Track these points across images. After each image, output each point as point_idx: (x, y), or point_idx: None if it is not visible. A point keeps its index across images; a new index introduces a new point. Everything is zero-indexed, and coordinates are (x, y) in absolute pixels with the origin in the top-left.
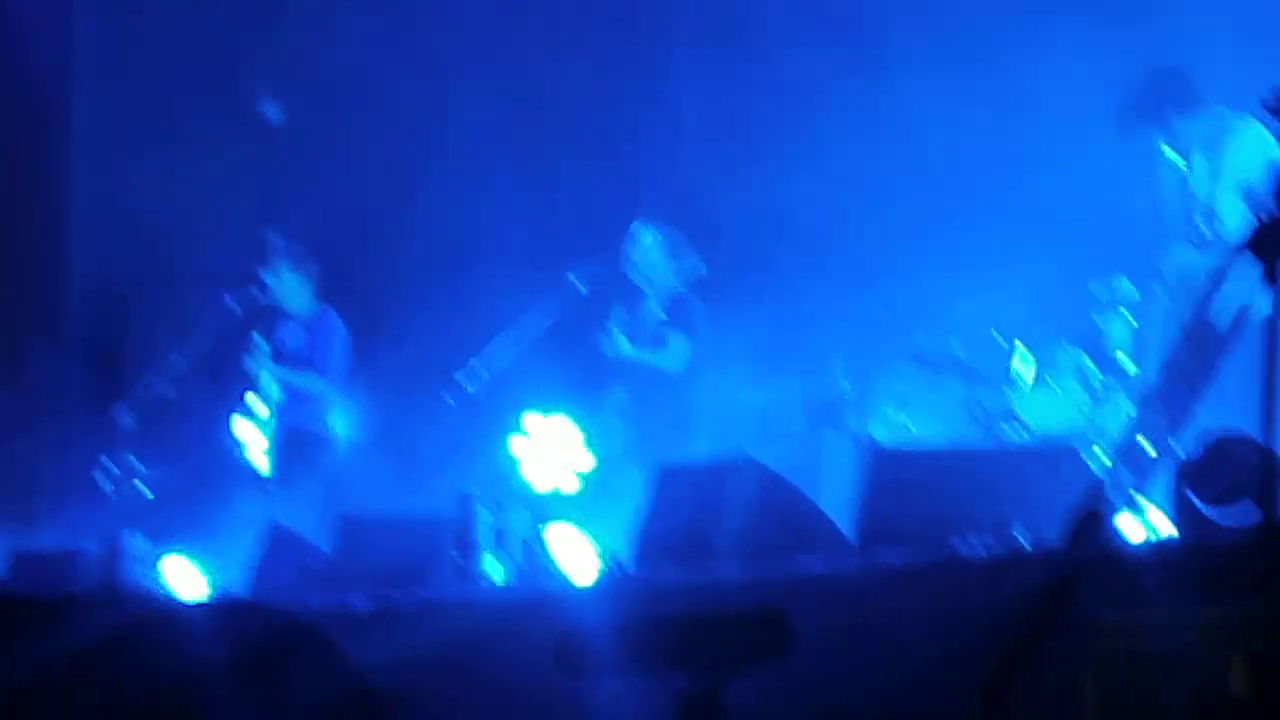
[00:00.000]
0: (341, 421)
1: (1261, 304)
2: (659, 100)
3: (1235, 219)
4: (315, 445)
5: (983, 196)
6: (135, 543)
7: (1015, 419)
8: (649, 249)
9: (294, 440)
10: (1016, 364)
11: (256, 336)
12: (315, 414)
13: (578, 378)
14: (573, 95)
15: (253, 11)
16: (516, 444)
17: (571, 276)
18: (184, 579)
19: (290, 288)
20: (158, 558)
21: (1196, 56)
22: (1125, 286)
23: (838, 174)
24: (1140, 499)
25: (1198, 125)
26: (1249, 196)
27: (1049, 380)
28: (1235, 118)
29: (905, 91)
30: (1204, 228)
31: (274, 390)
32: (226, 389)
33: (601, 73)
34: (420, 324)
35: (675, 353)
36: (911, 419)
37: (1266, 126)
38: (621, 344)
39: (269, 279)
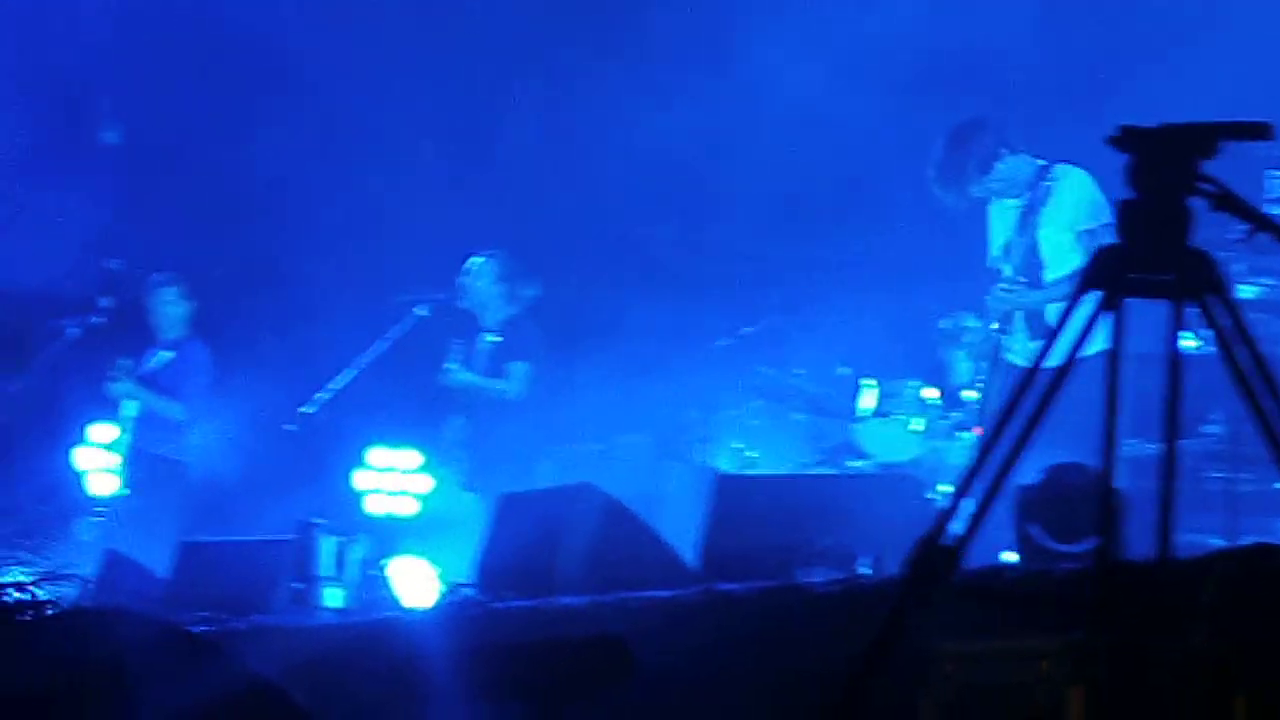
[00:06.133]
0: (196, 449)
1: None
2: (503, 127)
3: (1061, 261)
4: (169, 470)
5: (832, 233)
6: None
7: (858, 451)
8: (480, 275)
9: (148, 464)
10: (861, 397)
11: (123, 359)
12: (172, 439)
13: (420, 408)
14: (414, 121)
15: (94, 33)
16: (360, 477)
17: (417, 310)
18: None
19: (168, 314)
20: None
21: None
22: (970, 323)
23: (689, 202)
24: (980, 527)
25: (1008, 174)
26: (1082, 237)
27: (892, 412)
28: (1046, 165)
29: (755, 128)
30: (1014, 270)
31: (132, 411)
32: (63, 414)
33: (441, 101)
34: (265, 353)
35: (512, 379)
36: (755, 450)
37: (1090, 173)
38: (459, 374)
39: (149, 304)
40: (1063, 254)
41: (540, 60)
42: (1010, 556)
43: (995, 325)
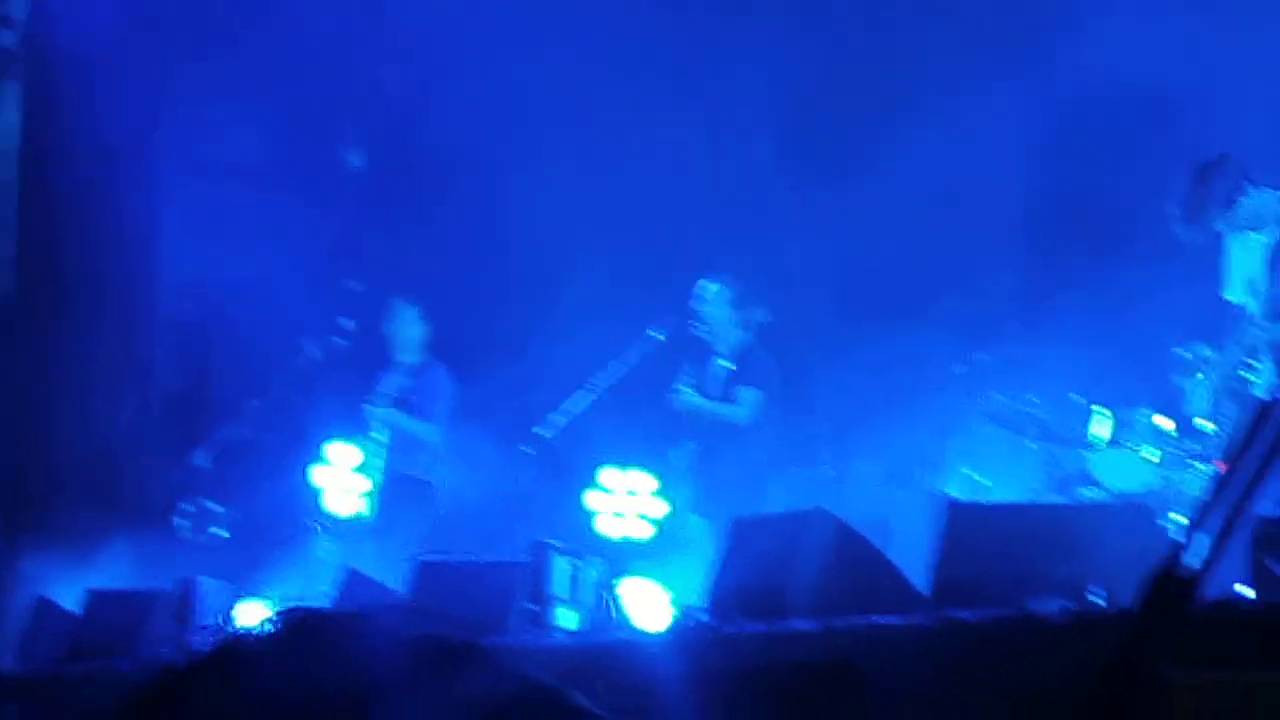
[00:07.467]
0: (446, 470)
1: None
2: (736, 153)
3: None
4: (419, 491)
5: (1066, 259)
6: (209, 584)
7: (1091, 480)
8: (714, 302)
9: (399, 485)
10: (1094, 425)
11: (384, 386)
12: (422, 461)
13: (652, 431)
14: (651, 147)
15: (337, 57)
16: (592, 498)
17: (650, 332)
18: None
19: (408, 336)
20: (231, 599)
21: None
22: (1207, 352)
23: (918, 230)
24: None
25: (1252, 209)
26: None
27: (1126, 441)
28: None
29: (992, 156)
30: (1261, 305)
31: (384, 435)
32: (303, 432)
33: (682, 128)
34: (501, 375)
35: (744, 405)
36: (987, 477)
37: None
38: (690, 398)
39: (389, 328)
40: None
41: (781, 92)
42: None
43: (1247, 360)
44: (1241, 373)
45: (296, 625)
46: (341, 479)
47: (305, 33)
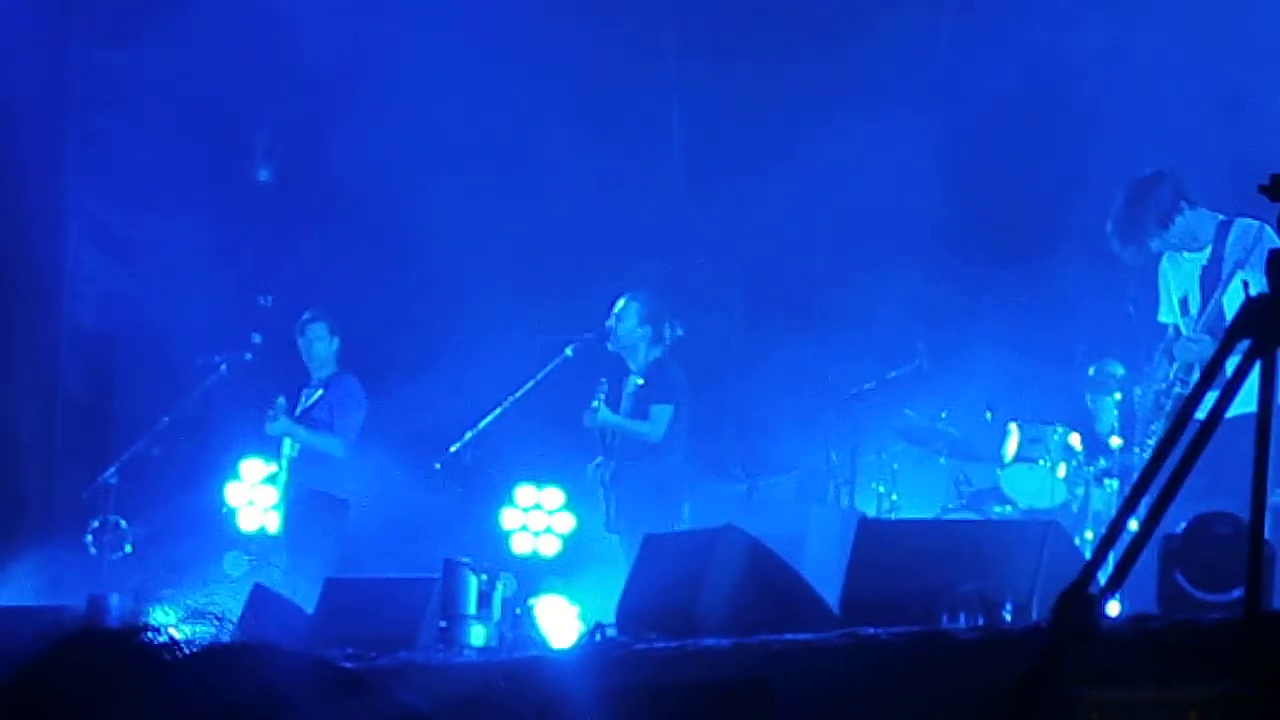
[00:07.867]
0: (355, 484)
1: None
2: (648, 167)
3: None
4: (330, 507)
5: (978, 277)
6: (118, 600)
7: (1003, 496)
8: (626, 317)
9: (309, 501)
10: (1007, 442)
11: (280, 398)
12: (332, 476)
13: (567, 448)
14: (562, 162)
15: (249, 73)
16: (508, 515)
17: (568, 351)
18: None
19: (317, 350)
20: (140, 615)
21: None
22: (1117, 370)
23: (831, 245)
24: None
25: (1187, 228)
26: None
27: (1038, 458)
28: (1227, 220)
29: (905, 171)
30: (1194, 324)
31: (291, 449)
32: (213, 448)
33: (591, 143)
34: (414, 392)
35: (656, 421)
36: (899, 493)
37: (1255, 217)
38: (604, 414)
39: (300, 342)
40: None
41: (691, 107)
42: None
43: (1182, 378)
44: (1177, 390)
45: (187, 643)
46: (253, 495)
47: (215, 49)
